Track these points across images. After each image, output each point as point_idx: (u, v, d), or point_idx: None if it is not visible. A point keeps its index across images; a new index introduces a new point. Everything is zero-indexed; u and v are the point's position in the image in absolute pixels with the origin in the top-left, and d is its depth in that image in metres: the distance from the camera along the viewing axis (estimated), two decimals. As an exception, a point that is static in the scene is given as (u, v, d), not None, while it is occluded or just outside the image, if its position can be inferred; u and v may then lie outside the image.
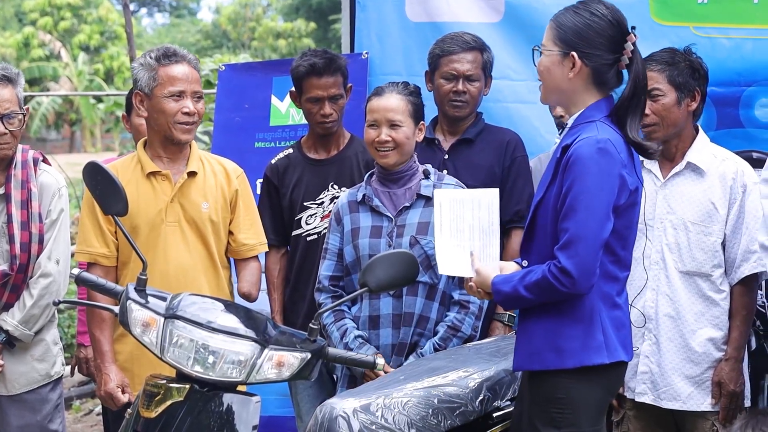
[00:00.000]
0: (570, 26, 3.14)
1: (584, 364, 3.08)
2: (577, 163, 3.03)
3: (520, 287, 3.10)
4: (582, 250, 3.01)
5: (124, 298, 3.14)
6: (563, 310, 3.09)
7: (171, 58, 3.87)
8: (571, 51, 3.12)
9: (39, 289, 4.09)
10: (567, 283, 3.02)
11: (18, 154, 4.11)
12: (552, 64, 3.17)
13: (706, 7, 4.50)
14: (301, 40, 34.22)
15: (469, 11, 5.01)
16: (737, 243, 3.88)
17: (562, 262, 3.01)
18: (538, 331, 3.13)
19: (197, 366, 3.01)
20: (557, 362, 3.09)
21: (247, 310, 3.20)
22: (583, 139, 3.06)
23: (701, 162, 3.92)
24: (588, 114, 3.15)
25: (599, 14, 3.13)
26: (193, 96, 3.87)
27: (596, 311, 3.10)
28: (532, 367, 3.16)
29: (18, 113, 4.03)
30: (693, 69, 3.91)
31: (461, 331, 3.85)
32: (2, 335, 4.08)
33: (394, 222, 3.89)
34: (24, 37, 35.05)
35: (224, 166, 4.06)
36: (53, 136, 39.72)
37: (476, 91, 4.38)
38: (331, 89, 4.34)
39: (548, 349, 3.11)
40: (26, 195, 4.08)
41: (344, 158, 4.45)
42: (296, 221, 4.44)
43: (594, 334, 3.09)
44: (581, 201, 3.01)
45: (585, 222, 3.01)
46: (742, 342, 3.91)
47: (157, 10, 56.45)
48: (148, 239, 3.86)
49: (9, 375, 4.14)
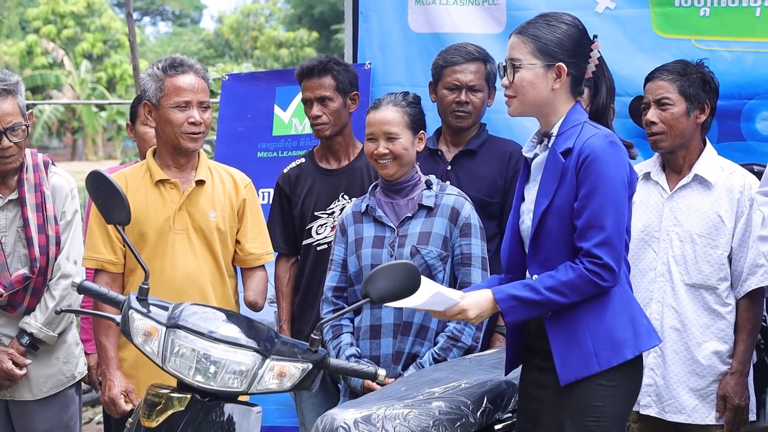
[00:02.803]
0: (550, 38, 3.19)
1: (641, 350, 3.14)
2: (595, 161, 3.08)
3: (542, 289, 3.08)
4: (618, 244, 3.09)
5: (126, 307, 3.14)
6: (606, 305, 3.12)
7: (177, 69, 3.89)
8: (557, 62, 3.17)
9: (60, 290, 4.12)
10: (610, 279, 3.07)
11: (28, 158, 4.13)
12: (535, 77, 3.20)
13: (708, 20, 4.51)
14: (304, 50, 34.24)
15: (471, 22, 5.03)
16: (744, 256, 3.88)
17: (605, 259, 3.05)
18: (588, 333, 3.11)
19: (198, 376, 3.01)
20: (617, 357, 3.10)
21: (249, 320, 3.20)
22: (591, 137, 3.11)
23: (708, 174, 3.92)
24: (573, 118, 3.20)
25: (571, 24, 3.21)
26: (199, 106, 3.89)
27: (632, 298, 3.19)
28: (591, 370, 3.10)
29: (21, 124, 4.02)
30: (704, 81, 3.93)
31: (461, 341, 3.85)
32: (26, 338, 4.11)
33: (396, 232, 3.90)
34: (27, 45, 35.12)
35: (232, 176, 4.07)
36: (55, 144, 39.78)
37: (479, 102, 4.39)
38: (318, 90, 4.38)
39: (604, 348, 3.10)
40: (40, 198, 4.11)
41: (355, 169, 4.47)
42: (307, 231, 4.46)
43: (640, 319, 3.17)
44: (610, 196, 3.07)
45: (617, 218, 3.08)
46: (748, 356, 3.91)
47: (160, 18, 56.54)
48: (156, 247, 3.88)
49: (35, 379, 4.16)
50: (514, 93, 3.24)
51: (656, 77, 3.97)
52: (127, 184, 3.91)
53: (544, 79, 3.19)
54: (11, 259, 4.10)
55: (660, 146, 3.97)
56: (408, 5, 5.19)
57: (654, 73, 4.00)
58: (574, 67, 3.20)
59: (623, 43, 4.67)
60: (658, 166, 4.07)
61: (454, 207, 3.91)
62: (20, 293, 4.09)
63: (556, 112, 3.23)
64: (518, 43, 3.23)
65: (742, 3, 4.45)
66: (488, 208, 4.28)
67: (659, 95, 3.94)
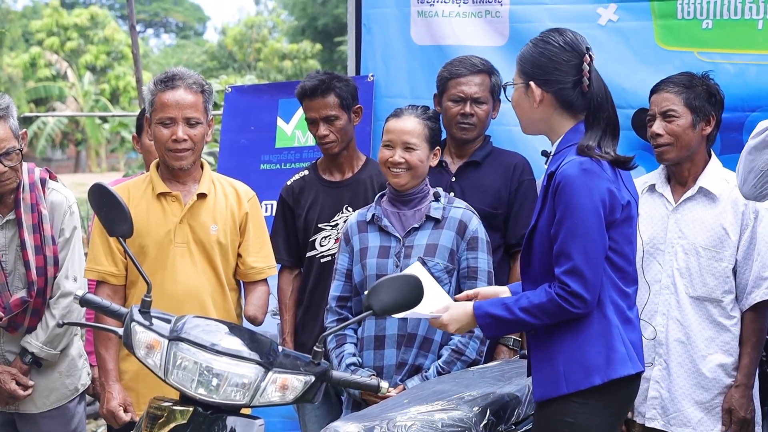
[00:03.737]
0: (527, 58, 3.23)
1: (611, 377, 3.09)
2: (565, 188, 3.08)
3: (516, 309, 3.13)
4: (589, 272, 3.05)
5: (128, 320, 3.13)
6: (582, 329, 3.11)
7: (167, 84, 3.85)
8: (530, 81, 3.20)
9: (60, 309, 4.11)
10: (580, 306, 3.06)
11: (24, 176, 4.08)
12: (519, 97, 3.26)
13: (711, 33, 4.51)
14: (307, 62, 34.32)
15: (473, 35, 5.03)
16: (749, 269, 3.88)
17: (573, 287, 3.05)
18: (561, 355, 3.13)
19: (201, 388, 3.01)
20: (585, 381, 3.09)
21: (252, 333, 3.20)
22: (567, 163, 3.11)
23: (713, 187, 3.92)
24: (568, 138, 3.20)
25: (551, 41, 3.20)
26: (186, 122, 3.84)
27: (614, 324, 3.13)
28: (559, 391, 3.12)
29: (15, 148, 3.96)
30: (710, 94, 3.93)
31: (465, 354, 3.84)
32: (28, 357, 4.11)
33: (402, 243, 3.90)
34: (31, 57, 35.23)
35: (236, 189, 4.06)
36: (58, 156, 39.87)
37: (484, 114, 4.40)
38: (323, 110, 4.37)
39: (574, 370, 3.11)
40: (37, 218, 4.07)
41: (359, 181, 4.47)
42: (310, 243, 4.46)
43: (615, 346, 3.12)
44: (578, 225, 3.05)
45: (587, 245, 3.05)
46: (753, 369, 3.90)
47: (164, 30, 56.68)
48: (157, 260, 3.88)
49: (39, 392, 4.17)
50: (515, 112, 3.31)
51: (662, 89, 3.97)
52: (129, 197, 3.91)
53: (525, 98, 3.24)
54: (12, 278, 4.09)
55: (665, 158, 3.97)
56: (411, 18, 5.19)
57: (659, 86, 4.00)
58: (550, 85, 3.18)
59: (626, 55, 4.67)
60: (663, 178, 4.06)
61: (461, 220, 3.91)
62: (20, 315, 4.08)
63: (554, 131, 3.24)
64: (516, 62, 3.28)
65: (745, 16, 4.45)
66: (492, 219, 4.28)
67: (665, 107, 3.94)
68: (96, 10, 39.79)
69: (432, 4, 5.12)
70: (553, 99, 3.20)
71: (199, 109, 3.87)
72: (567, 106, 3.21)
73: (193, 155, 3.90)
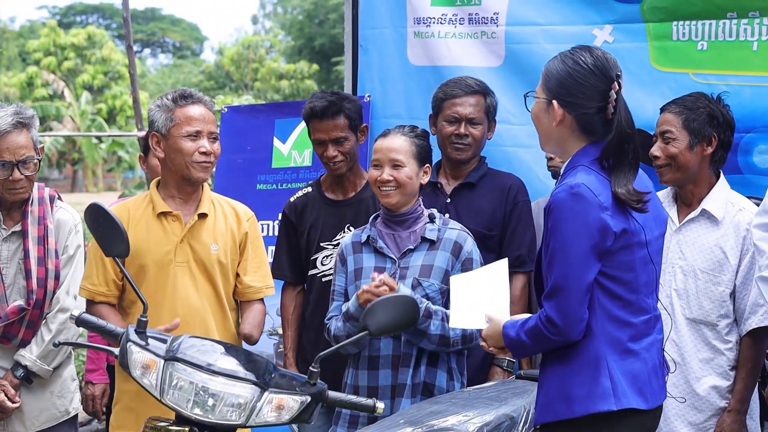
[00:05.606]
0: (554, 74, 3.13)
1: (590, 411, 3.01)
2: (553, 211, 3.03)
3: (522, 333, 3.11)
4: (563, 298, 2.99)
5: (124, 340, 3.14)
6: (570, 358, 3.06)
7: (188, 99, 3.92)
8: (553, 99, 3.12)
9: (57, 324, 4.12)
10: (554, 332, 3.01)
11: (34, 191, 4.16)
12: (539, 111, 3.18)
13: (706, 54, 4.53)
14: (304, 82, 34.41)
15: (469, 56, 5.05)
16: (747, 294, 3.87)
17: (547, 311, 3.01)
18: (551, 382, 3.11)
19: (197, 408, 3.01)
20: (566, 412, 3.05)
21: (248, 353, 3.20)
22: (560, 186, 3.06)
23: (716, 210, 3.92)
24: (575, 160, 3.13)
25: (581, 62, 3.09)
26: (209, 136, 3.91)
27: (601, 357, 3.04)
28: (546, 419, 3.10)
29: (33, 158, 4.07)
30: (711, 116, 3.91)
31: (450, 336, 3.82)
32: (20, 371, 4.11)
33: (398, 264, 3.90)
34: (28, 77, 35.29)
35: (235, 209, 4.08)
36: (55, 176, 39.88)
37: (478, 135, 4.41)
38: (333, 132, 4.37)
39: (559, 399, 3.07)
40: (43, 231, 4.13)
41: (361, 200, 4.48)
42: (312, 261, 4.47)
43: (599, 380, 3.02)
44: (559, 249, 3.00)
45: (564, 270, 2.99)
46: (746, 394, 3.89)
47: (161, 50, 56.81)
48: (157, 279, 3.88)
49: (28, 412, 4.16)
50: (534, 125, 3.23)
51: (665, 110, 3.98)
52: (129, 216, 3.92)
53: (546, 113, 3.15)
54: (11, 290, 4.11)
55: (664, 179, 3.97)
56: (407, 38, 5.22)
57: (665, 106, 4.01)
58: (574, 108, 3.10)
59: (621, 76, 4.68)
60: (670, 197, 4.07)
61: (456, 241, 3.91)
62: (15, 325, 4.09)
63: (566, 150, 3.17)
64: (542, 74, 3.20)
65: (740, 37, 4.47)
66: (487, 241, 4.29)
67: (663, 128, 3.95)
68: (93, 30, 39.92)
69: (428, 25, 5.15)
70: (574, 122, 3.11)
71: (216, 126, 3.98)
72: (586, 131, 3.12)
73: (212, 168, 3.96)
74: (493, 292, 3.37)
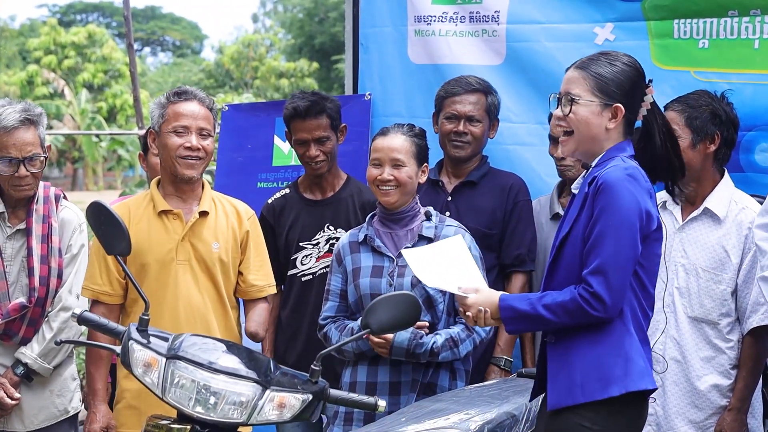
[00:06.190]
0: (611, 78, 3.16)
1: (629, 389, 3.05)
2: (606, 190, 3.05)
3: (539, 306, 3.10)
4: (614, 275, 3.02)
5: (126, 338, 3.14)
6: (603, 339, 3.08)
7: (181, 96, 3.92)
8: (615, 102, 3.15)
9: (59, 323, 4.12)
10: (599, 308, 3.02)
11: (40, 190, 4.17)
12: (591, 114, 3.18)
13: (707, 52, 4.52)
14: (304, 80, 34.41)
15: (470, 54, 5.05)
16: (748, 293, 3.86)
17: (595, 287, 3.02)
18: (579, 364, 3.10)
19: (198, 407, 3.01)
20: (602, 392, 3.06)
21: (249, 351, 3.20)
22: (612, 167, 3.09)
23: (718, 209, 3.92)
24: (612, 152, 3.17)
25: (631, 65, 3.19)
26: (199, 132, 3.89)
27: (635, 341, 3.10)
28: (575, 401, 3.09)
29: (40, 155, 4.08)
30: (714, 114, 3.92)
31: (458, 347, 3.81)
32: (21, 368, 4.11)
33: (396, 262, 3.90)
34: (28, 75, 35.32)
35: (236, 207, 4.08)
36: (55, 174, 39.90)
37: (479, 133, 4.41)
38: (315, 132, 4.38)
39: (592, 380, 3.07)
40: (47, 229, 4.13)
41: (340, 199, 4.49)
42: (292, 261, 4.46)
43: (636, 360, 3.08)
44: (612, 226, 3.03)
45: (617, 247, 3.03)
46: (747, 393, 3.88)
47: (161, 49, 56.82)
48: (159, 277, 3.88)
49: (27, 410, 4.16)
50: (570, 127, 3.21)
51: (668, 108, 3.98)
52: (130, 215, 3.92)
53: (599, 117, 3.17)
54: (14, 288, 4.11)
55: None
56: (408, 37, 5.22)
57: (667, 105, 4.01)
58: (630, 109, 3.18)
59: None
60: None
61: (453, 238, 3.91)
62: (17, 322, 4.09)
63: (603, 148, 3.20)
64: (578, 78, 3.20)
65: (741, 35, 4.46)
66: (488, 239, 4.29)
67: None
68: (94, 28, 39.91)
69: (429, 23, 5.15)
70: (624, 122, 3.19)
71: (210, 123, 3.94)
72: (627, 130, 3.21)
73: (202, 166, 3.93)
74: (457, 264, 3.38)
